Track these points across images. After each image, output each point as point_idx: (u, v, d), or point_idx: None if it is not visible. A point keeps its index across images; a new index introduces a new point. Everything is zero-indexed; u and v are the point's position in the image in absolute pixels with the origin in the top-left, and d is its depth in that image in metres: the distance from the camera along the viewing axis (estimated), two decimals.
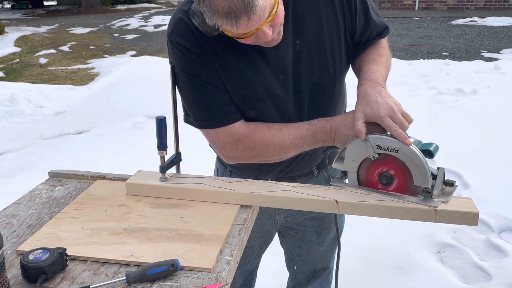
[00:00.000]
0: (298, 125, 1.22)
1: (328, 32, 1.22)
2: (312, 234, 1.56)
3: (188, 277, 0.90)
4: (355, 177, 1.17)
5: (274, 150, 1.22)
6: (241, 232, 1.05)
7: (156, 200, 1.19)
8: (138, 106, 5.34)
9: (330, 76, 1.25)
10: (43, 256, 0.90)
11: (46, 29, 13.36)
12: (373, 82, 1.17)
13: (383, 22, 1.34)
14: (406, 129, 1.08)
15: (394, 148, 1.08)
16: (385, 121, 1.07)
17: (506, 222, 2.79)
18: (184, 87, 1.22)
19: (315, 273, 1.68)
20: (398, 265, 2.48)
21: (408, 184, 1.12)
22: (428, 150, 1.11)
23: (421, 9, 13.71)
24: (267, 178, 1.39)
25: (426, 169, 1.07)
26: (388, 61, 1.32)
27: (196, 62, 1.17)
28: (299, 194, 1.14)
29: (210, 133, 1.23)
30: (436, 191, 1.09)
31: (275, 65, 1.19)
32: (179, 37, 1.17)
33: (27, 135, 4.86)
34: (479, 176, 3.33)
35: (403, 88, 5.60)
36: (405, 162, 1.09)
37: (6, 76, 7.79)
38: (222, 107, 1.19)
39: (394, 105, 1.09)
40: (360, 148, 1.13)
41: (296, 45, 1.20)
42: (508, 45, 8.37)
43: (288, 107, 1.25)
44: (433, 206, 1.07)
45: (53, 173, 1.38)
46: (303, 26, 1.19)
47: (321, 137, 1.20)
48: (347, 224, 1.68)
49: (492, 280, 2.34)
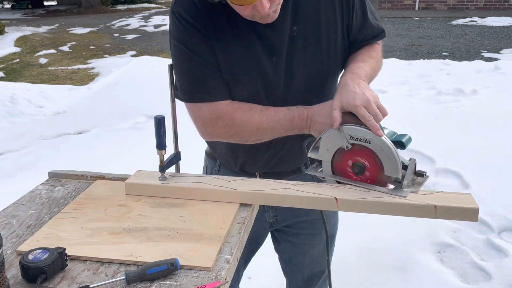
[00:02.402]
0: (277, 109, 1.24)
1: (326, 25, 1.24)
2: (306, 236, 1.55)
3: (188, 276, 0.90)
4: (329, 167, 1.20)
5: (252, 131, 1.24)
6: (240, 231, 1.05)
7: (156, 199, 1.19)
8: (138, 106, 5.35)
9: (324, 68, 1.27)
10: (42, 256, 0.90)
11: (46, 29, 13.37)
12: (354, 74, 1.20)
13: (380, 26, 1.36)
14: (379, 121, 1.11)
15: (367, 138, 1.11)
16: (359, 110, 1.10)
17: (506, 222, 2.79)
18: (177, 59, 1.24)
19: (313, 276, 1.67)
20: (398, 265, 2.47)
21: (380, 174, 1.14)
22: (400, 141, 1.15)
23: (421, 9, 13.71)
24: (254, 173, 1.41)
25: (396, 160, 1.10)
26: (377, 63, 1.35)
27: (193, 35, 1.20)
28: (299, 192, 1.14)
29: (193, 106, 1.26)
30: (406, 181, 1.11)
31: (270, 47, 1.22)
32: (181, 8, 1.20)
33: (27, 135, 4.87)
34: (479, 176, 3.33)
35: (403, 88, 5.60)
36: (377, 152, 1.12)
37: (6, 76, 7.80)
38: (210, 82, 1.22)
39: (370, 97, 1.12)
40: (334, 138, 1.15)
41: (293, 32, 1.22)
42: (508, 45, 8.37)
43: (277, 92, 1.27)
44: (402, 195, 1.10)
45: (53, 173, 1.38)
46: (302, 14, 1.22)
47: (298, 123, 1.23)
48: (347, 224, 1.68)
49: (492, 280, 2.34)
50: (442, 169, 3.51)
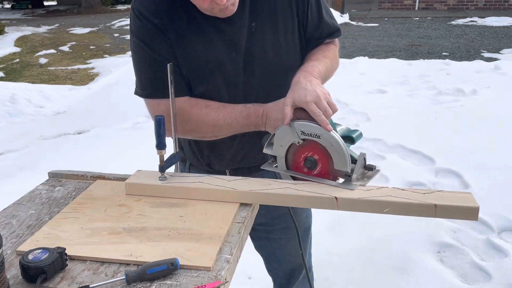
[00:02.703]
0: (234, 106, 1.27)
1: (283, 21, 1.28)
2: (280, 230, 1.58)
3: (188, 276, 0.90)
4: (283, 162, 1.23)
5: (208, 127, 1.27)
6: (240, 231, 1.05)
7: (156, 199, 1.19)
8: (138, 106, 5.30)
9: (282, 63, 1.30)
10: (42, 256, 0.90)
11: (46, 29, 13.37)
12: (307, 72, 1.23)
13: (336, 25, 1.41)
14: (329, 116, 1.14)
15: (316, 133, 1.14)
16: (310, 106, 1.13)
17: (506, 222, 2.79)
18: (135, 55, 1.27)
19: (293, 271, 1.69)
20: (398, 265, 2.47)
21: (331, 168, 1.17)
22: (349, 137, 1.19)
23: (421, 9, 13.71)
24: (224, 170, 1.43)
25: (345, 154, 1.13)
26: (332, 63, 1.38)
27: (151, 32, 1.22)
28: (299, 191, 1.14)
29: (151, 102, 1.29)
30: (355, 175, 1.14)
31: (229, 42, 1.24)
32: (140, 5, 1.22)
33: (27, 135, 4.87)
34: (479, 176, 3.33)
35: (403, 88, 5.60)
36: (326, 147, 1.14)
37: (6, 76, 7.80)
38: (166, 79, 1.23)
39: (321, 93, 1.15)
40: (286, 134, 1.18)
41: (252, 27, 1.25)
42: (508, 45, 8.37)
43: (237, 88, 1.29)
44: (350, 188, 1.12)
45: (53, 173, 1.38)
46: (260, 10, 1.25)
47: (254, 120, 1.26)
48: (347, 224, 1.68)
49: (492, 280, 2.34)
50: (442, 169, 3.51)
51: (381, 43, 9.03)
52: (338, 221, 2.83)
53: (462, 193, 1.12)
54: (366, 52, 8.22)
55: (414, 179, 3.34)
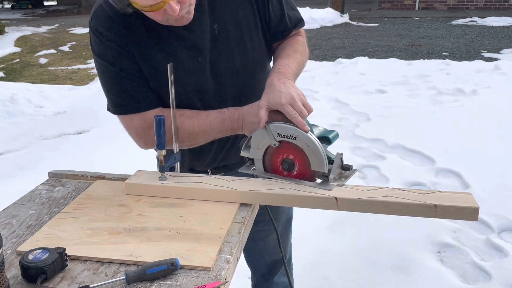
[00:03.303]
0: (208, 113, 1.27)
1: (245, 20, 1.28)
2: (261, 223, 1.57)
3: (188, 276, 0.90)
4: (261, 164, 1.23)
5: (184, 136, 1.27)
6: (240, 231, 1.05)
7: (156, 199, 1.19)
8: None
9: (250, 62, 1.30)
10: (42, 256, 0.90)
11: (46, 29, 13.37)
12: (280, 74, 1.23)
13: (298, 15, 1.41)
14: (305, 117, 1.14)
15: (292, 135, 1.14)
16: (285, 108, 1.13)
17: (506, 222, 2.79)
18: (101, 74, 1.26)
19: (275, 262, 1.70)
20: (398, 265, 2.47)
21: (308, 169, 1.17)
22: (326, 137, 1.19)
23: (421, 9, 13.71)
24: (206, 170, 1.44)
25: (321, 155, 1.13)
26: (303, 57, 1.38)
27: (112, 50, 1.21)
28: (299, 191, 1.14)
29: (125, 119, 1.29)
30: (332, 176, 1.14)
31: (193, 48, 1.24)
32: (97, 23, 1.21)
33: (27, 135, 4.87)
34: (479, 176, 3.33)
35: (403, 88, 5.60)
36: (303, 148, 1.15)
37: (6, 76, 7.80)
38: (137, 93, 1.24)
39: (296, 94, 1.15)
40: (262, 136, 1.18)
41: (214, 30, 1.25)
42: (508, 45, 8.37)
43: (208, 93, 1.29)
44: (327, 189, 1.13)
45: (53, 173, 1.38)
46: (220, 12, 1.25)
47: (230, 125, 1.26)
48: (347, 224, 1.68)
49: (492, 280, 2.34)
50: (442, 169, 3.51)
51: (381, 43, 9.03)
52: (338, 221, 2.83)
53: (462, 193, 1.12)
54: (366, 52, 8.22)
55: (414, 179, 3.34)
